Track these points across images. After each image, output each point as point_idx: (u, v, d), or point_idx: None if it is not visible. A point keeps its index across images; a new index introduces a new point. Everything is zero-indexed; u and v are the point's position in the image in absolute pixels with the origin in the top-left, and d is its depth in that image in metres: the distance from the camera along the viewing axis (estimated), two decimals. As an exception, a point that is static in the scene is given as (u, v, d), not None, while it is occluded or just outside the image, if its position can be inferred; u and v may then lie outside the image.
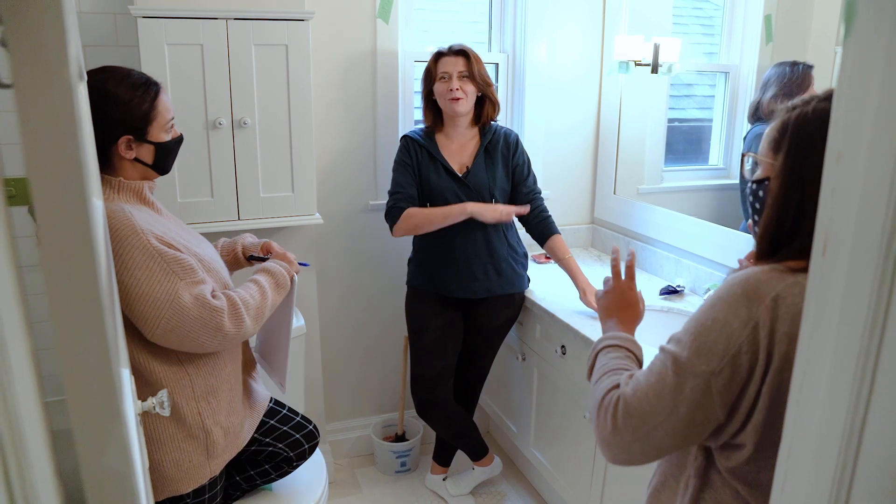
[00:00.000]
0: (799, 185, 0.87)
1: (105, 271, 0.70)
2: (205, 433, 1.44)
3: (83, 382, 0.49)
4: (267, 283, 1.51)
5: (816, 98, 0.90)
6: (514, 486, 2.52)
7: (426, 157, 2.11)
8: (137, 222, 1.31)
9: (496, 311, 2.19)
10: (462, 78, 2.03)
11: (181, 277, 1.33)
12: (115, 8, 2.03)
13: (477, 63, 2.05)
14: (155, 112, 1.38)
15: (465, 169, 2.11)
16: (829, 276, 0.60)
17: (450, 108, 2.05)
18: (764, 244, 0.92)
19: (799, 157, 0.87)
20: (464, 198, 2.07)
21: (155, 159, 1.41)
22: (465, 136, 2.14)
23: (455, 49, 2.06)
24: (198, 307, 1.33)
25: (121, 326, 1.09)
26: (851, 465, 0.57)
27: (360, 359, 2.65)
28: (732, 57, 2.36)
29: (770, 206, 0.92)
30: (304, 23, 1.99)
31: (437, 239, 2.11)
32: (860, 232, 0.55)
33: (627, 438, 0.90)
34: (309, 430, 1.78)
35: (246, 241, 1.75)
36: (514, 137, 2.16)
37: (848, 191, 0.56)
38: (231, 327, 1.38)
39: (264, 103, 2.01)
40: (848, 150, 0.56)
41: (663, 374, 0.89)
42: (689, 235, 2.25)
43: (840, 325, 0.59)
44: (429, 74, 2.10)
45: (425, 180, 2.10)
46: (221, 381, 1.48)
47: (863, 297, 0.56)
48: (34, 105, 0.61)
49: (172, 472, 1.41)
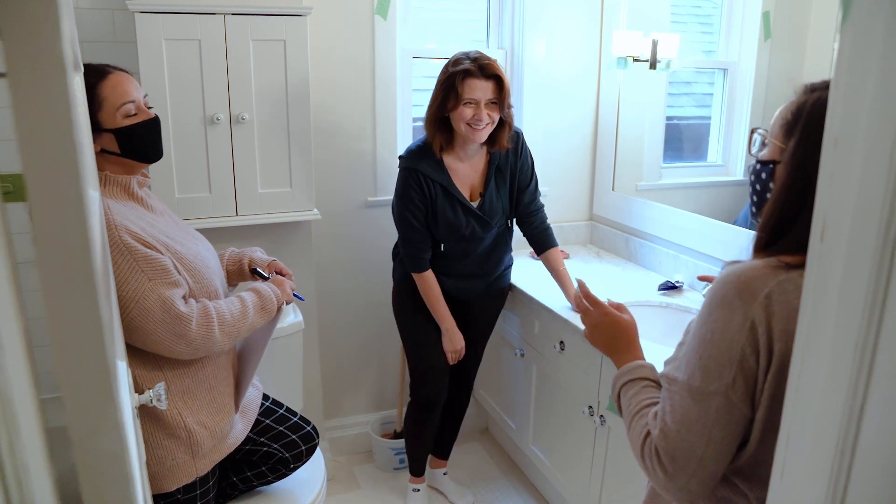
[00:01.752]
0: (806, 176, 0.82)
1: (101, 263, 0.70)
2: (187, 433, 1.42)
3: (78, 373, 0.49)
4: (252, 304, 1.48)
5: None
6: (513, 483, 2.52)
7: (440, 193, 1.93)
8: (114, 217, 1.29)
9: (488, 306, 2.22)
10: (490, 105, 1.83)
11: (150, 277, 1.30)
12: (112, 4, 2.03)
13: (507, 90, 1.85)
14: (99, 98, 1.33)
15: (477, 196, 2.00)
16: (828, 262, 0.59)
17: (470, 136, 1.86)
18: (764, 234, 0.89)
19: (811, 147, 0.82)
20: (477, 228, 1.99)
21: (120, 146, 1.37)
22: (476, 156, 1.99)
23: (488, 73, 1.81)
24: (162, 311, 1.30)
25: (117, 318, 1.08)
26: (850, 453, 0.56)
27: (358, 355, 2.65)
28: (731, 54, 2.36)
29: (775, 195, 0.88)
30: (301, 18, 1.99)
31: (444, 262, 2.05)
32: (858, 217, 0.55)
33: (682, 481, 0.89)
34: (307, 432, 1.75)
35: (255, 254, 1.72)
36: (521, 139, 2.02)
37: (846, 176, 0.56)
38: (197, 337, 1.35)
39: (262, 99, 2.01)
40: (845, 135, 0.55)
41: (685, 407, 0.88)
42: (688, 231, 2.25)
43: (839, 311, 0.59)
44: (450, 94, 1.82)
45: (441, 218, 1.95)
46: (198, 381, 1.46)
47: (861, 283, 0.56)
48: (29, 94, 0.60)
49: (155, 469, 1.41)
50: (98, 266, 0.62)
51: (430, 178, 1.92)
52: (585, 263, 2.54)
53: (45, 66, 0.61)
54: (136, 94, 1.40)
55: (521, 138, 2.02)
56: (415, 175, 1.92)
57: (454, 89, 1.82)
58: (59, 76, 0.62)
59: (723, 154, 2.44)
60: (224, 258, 1.70)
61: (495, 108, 1.84)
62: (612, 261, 2.58)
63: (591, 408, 1.93)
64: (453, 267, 2.08)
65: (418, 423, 2.26)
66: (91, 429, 0.47)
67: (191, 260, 1.42)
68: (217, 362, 1.51)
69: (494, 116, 1.85)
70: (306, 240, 2.30)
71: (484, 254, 2.08)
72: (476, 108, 1.81)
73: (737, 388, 0.84)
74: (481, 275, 2.12)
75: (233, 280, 1.70)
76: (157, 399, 1.18)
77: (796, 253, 0.84)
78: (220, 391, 1.51)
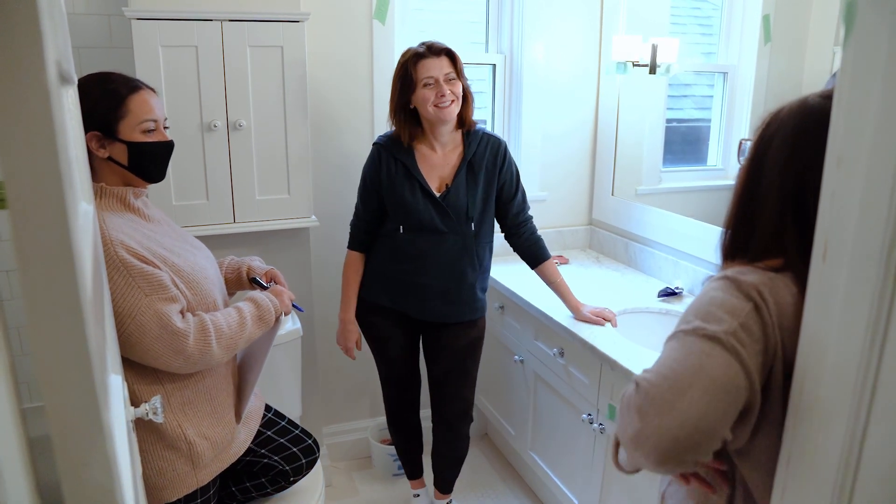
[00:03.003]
0: (755, 184, 0.88)
1: (91, 276, 0.69)
2: (187, 444, 1.42)
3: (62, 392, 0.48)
4: (249, 315, 1.47)
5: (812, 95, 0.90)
6: (512, 489, 2.50)
7: (401, 173, 1.91)
8: (110, 232, 1.28)
9: (459, 334, 2.04)
10: (449, 81, 1.84)
11: (146, 293, 1.29)
12: (109, 9, 2.02)
13: (460, 62, 1.88)
14: (125, 108, 1.34)
15: (444, 187, 1.93)
16: (830, 283, 0.58)
17: (438, 116, 1.84)
18: (729, 243, 0.93)
19: (758, 158, 0.88)
20: (437, 220, 1.90)
21: (130, 160, 1.37)
22: (449, 145, 1.94)
23: (437, 49, 1.84)
24: (158, 326, 1.29)
25: (112, 332, 1.07)
26: (851, 478, 0.55)
27: (357, 361, 2.63)
28: (731, 57, 2.35)
29: (731, 199, 0.93)
30: (299, 24, 1.98)
31: (402, 254, 1.96)
32: (861, 237, 0.54)
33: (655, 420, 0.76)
34: (307, 445, 1.73)
35: (253, 263, 1.71)
36: (502, 148, 1.96)
37: (848, 195, 0.54)
38: (195, 352, 1.34)
39: (260, 105, 2.00)
40: (848, 153, 0.54)
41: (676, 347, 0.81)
42: (688, 237, 2.24)
43: (840, 333, 0.58)
44: (407, 81, 1.84)
45: (399, 197, 1.91)
46: (198, 392, 1.45)
47: (864, 304, 0.55)
48: (9, 109, 0.59)
49: (155, 481, 1.40)
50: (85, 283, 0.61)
51: (394, 156, 1.93)
52: (585, 269, 2.53)
53: (25, 82, 0.60)
54: (159, 114, 1.41)
55: (503, 146, 1.97)
56: (376, 149, 1.96)
57: (409, 76, 1.85)
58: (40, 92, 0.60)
59: (722, 158, 2.42)
60: (223, 266, 1.68)
61: (455, 84, 1.85)
62: (611, 266, 2.57)
63: (590, 415, 1.92)
64: (409, 268, 1.95)
65: (395, 426, 2.24)
66: (80, 462, 0.46)
67: (189, 272, 1.41)
68: (217, 373, 1.50)
69: (457, 91, 1.86)
70: (304, 247, 2.29)
71: (444, 261, 1.94)
72: (436, 86, 1.83)
73: (736, 337, 0.77)
74: (440, 288, 1.96)
75: (231, 289, 1.69)
76: (153, 412, 1.17)
77: (762, 259, 0.86)
78: (220, 401, 1.50)
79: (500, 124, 2.70)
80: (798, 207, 0.84)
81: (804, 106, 0.86)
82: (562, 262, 2.58)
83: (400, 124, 1.92)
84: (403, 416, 2.22)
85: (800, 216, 0.84)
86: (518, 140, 2.64)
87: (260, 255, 2.21)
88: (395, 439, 2.28)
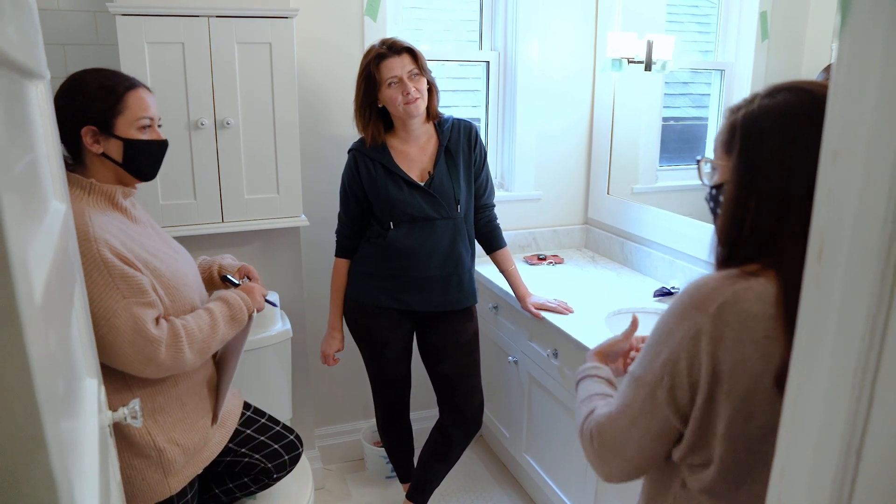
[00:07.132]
0: (749, 187, 0.87)
1: (50, 278, 0.65)
2: (157, 452, 1.38)
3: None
4: (221, 315, 1.44)
5: (759, 95, 0.89)
6: (507, 492, 2.48)
7: (381, 172, 1.91)
8: (94, 230, 1.26)
9: (455, 323, 2.04)
10: (413, 78, 1.85)
11: (124, 295, 1.26)
12: (93, 6, 1.99)
13: (421, 58, 1.88)
14: (122, 105, 1.34)
15: (426, 175, 1.94)
16: (825, 283, 0.56)
17: (406, 113, 1.86)
18: (723, 249, 0.91)
19: (749, 159, 0.88)
20: (428, 209, 1.91)
21: (125, 157, 1.36)
22: (422, 138, 1.96)
23: (398, 48, 1.85)
24: (132, 332, 1.27)
25: (88, 335, 1.04)
26: (848, 490, 0.53)
27: (348, 363, 2.60)
28: (728, 54, 2.32)
29: (725, 210, 0.91)
30: (288, 20, 1.95)
31: (396, 250, 1.94)
32: (858, 235, 0.51)
33: (608, 459, 0.95)
34: (290, 441, 1.71)
35: (224, 261, 1.69)
36: (474, 131, 2.00)
37: (845, 192, 0.52)
38: (167, 359, 1.32)
39: (248, 103, 1.97)
40: (845, 148, 0.52)
41: (625, 394, 0.94)
42: (685, 236, 2.21)
43: (836, 335, 0.55)
44: (371, 82, 1.86)
45: (384, 195, 1.91)
46: (170, 399, 1.42)
47: (861, 305, 0.52)
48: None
49: (125, 489, 1.36)
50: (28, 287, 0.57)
51: (370, 158, 1.93)
52: (580, 268, 2.50)
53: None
54: (154, 113, 1.41)
55: (474, 129, 2.01)
56: (352, 155, 1.96)
57: (372, 77, 1.86)
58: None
59: (720, 156, 2.40)
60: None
61: (419, 80, 1.86)
62: (607, 265, 2.54)
63: (585, 417, 1.89)
64: (406, 263, 1.94)
65: (389, 430, 2.22)
66: (17, 479, 0.42)
67: (169, 277, 1.38)
68: (191, 379, 1.47)
69: (422, 87, 1.87)
70: (295, 246, 2.26)
71: (441, 249, 1.94)
72: (401, 84, 1.84)
73: (663, 387, 0.88)
74: (442, 276, 1.96)
75: (205, 290, 1.66)
76: (133, 416, 1.14)
77: (753, 261, 0.86)
78: (192, 406, 1.47)
79: (493, 122, 2.67)
80: (791, 205, 0.82)
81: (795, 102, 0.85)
82: (557, 261, 2.55)
83: (366, 123, 1.93)
84: (397, 419, 2.20)
85: (791, 214, 0.82)
86: (512, 138, 2.61)
87: (249, 255, 2.18)
88: (387, 444, 2.26)
